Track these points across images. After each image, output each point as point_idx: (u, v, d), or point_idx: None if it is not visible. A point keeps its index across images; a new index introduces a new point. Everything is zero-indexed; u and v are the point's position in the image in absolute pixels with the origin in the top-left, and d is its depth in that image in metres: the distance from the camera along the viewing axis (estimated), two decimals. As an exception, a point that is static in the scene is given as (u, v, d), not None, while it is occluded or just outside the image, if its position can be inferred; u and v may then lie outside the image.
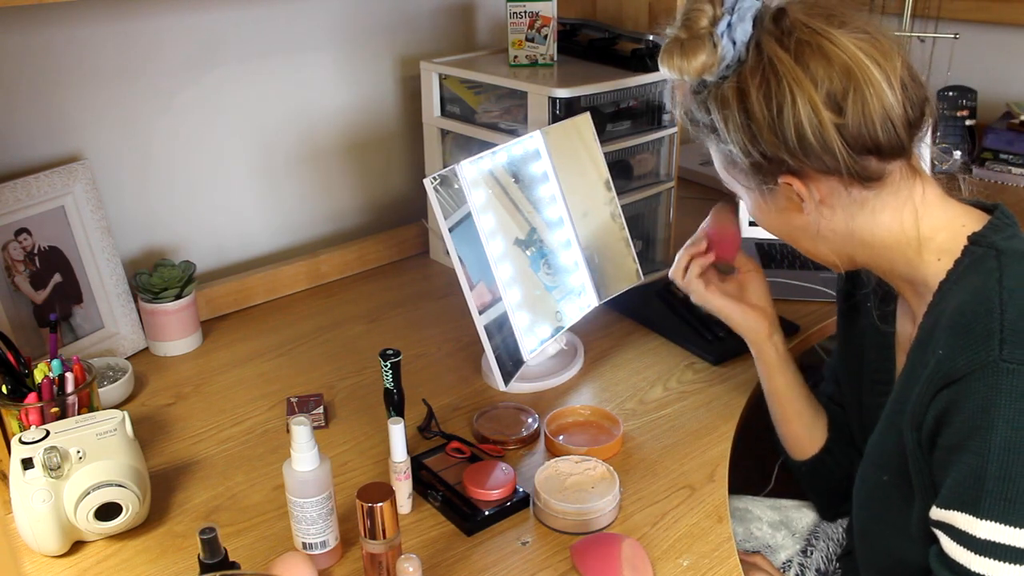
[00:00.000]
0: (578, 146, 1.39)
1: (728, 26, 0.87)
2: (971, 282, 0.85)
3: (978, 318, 0.81)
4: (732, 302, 1.14)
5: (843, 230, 0.92)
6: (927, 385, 0.84)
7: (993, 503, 0.78)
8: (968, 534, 0.79)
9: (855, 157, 0.86)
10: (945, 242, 0.89)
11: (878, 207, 0.90)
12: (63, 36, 1.34)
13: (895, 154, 0.87)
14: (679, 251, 1.16)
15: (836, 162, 0.86)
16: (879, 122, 0.85)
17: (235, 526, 1.05)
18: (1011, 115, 2.06)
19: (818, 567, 1.18)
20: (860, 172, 0.87)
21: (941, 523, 0.83)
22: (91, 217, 1.37)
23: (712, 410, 1.25)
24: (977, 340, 0.80)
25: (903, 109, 0.86)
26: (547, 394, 1.30)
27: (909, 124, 0.87)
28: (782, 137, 0.86)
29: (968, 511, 0.79)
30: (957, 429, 0.81)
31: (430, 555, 0.99)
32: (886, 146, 0.86)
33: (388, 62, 1.72)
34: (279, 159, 1.64)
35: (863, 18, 0.88)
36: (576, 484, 1.06)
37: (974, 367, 0.79)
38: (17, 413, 1.08)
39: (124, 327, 1.41)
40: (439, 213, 1.16)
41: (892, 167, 0.88)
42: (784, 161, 0.88)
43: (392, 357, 1.14)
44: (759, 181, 0.93)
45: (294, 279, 1.62)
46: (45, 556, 1.00)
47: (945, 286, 0.88)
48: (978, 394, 0.79)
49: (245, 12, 1.51)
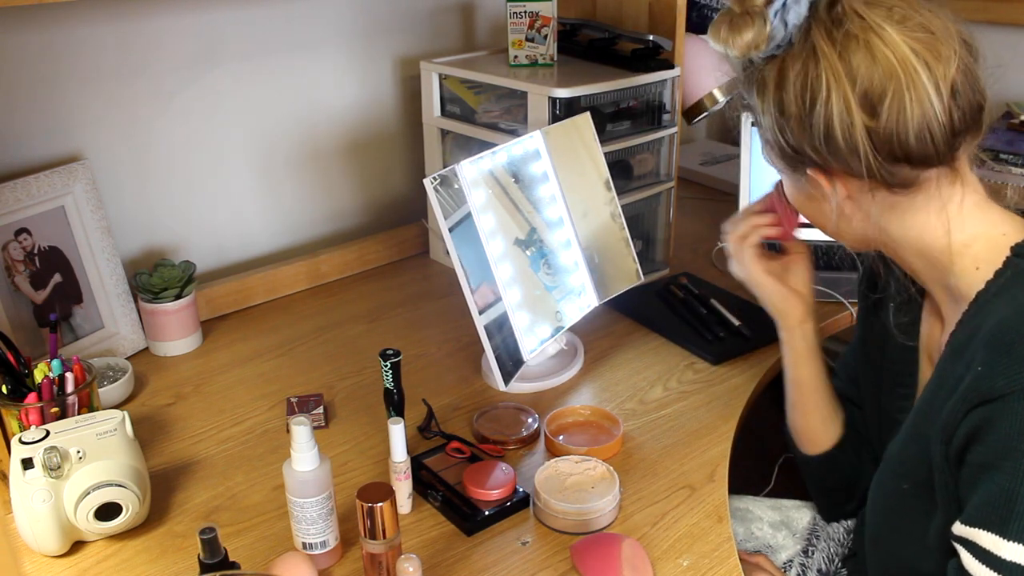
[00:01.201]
0: (578, 146, 1.39)
1: (783, 6, 0.85)
2: (1014, 297, 0.82)
3: (1022, 338, 0.79)
4: (774, 281, 1.10)
5: (871, 226, 0.91)
6: (961, 401, 0.82)
7: (1022, 525, 0.77)
8: (992, 554, 0.78)
9: (883, 163, 0.83)
10: (984, 251, 0.86)
11: (909, 211, 0.88)
12: (63, 36, 1.34)
13: (929, 163, 0.84)
14: (740, 214, 1.12)
15: (860, 165, 0.84)
16: (914, 130, 0.82)
17: (235, 526, 1.05)
18: (1011, 115, 2.06)
19: (820, 567, 1.17)
20: (887, 178, 0.85)
21: (964, 539, 0.81)
22: (91, 217, 1.37)
23: (712, 410, 1.25)
24: (1019, 361, 0.78)
25: (948, 117, 0.82)
26: (547, 394, 1.30)
27: (953, 132, 0.83)
28: (810, 132, 0.85)
29: (995, 531, 0.78)
30: (990, 448, 0.79)
31: (430, 555, 0.99)
32: (918, 155, 0.83)
33: (388, 62, 1.72)
34: (279, 159, 1.64)
35: (929, 14, 0.83)
36: (576, 484, 1.06)
37: (1014, 388, 0.77)
38: (17, 413, 1.08)
39: (124, 327, 1.41)
40: (439, 213, 1.16)
41: (928, 174, 0.85)
42: (810, 155, 0.87)
43: (392, 357, 1.14)
44: (790, 167, 0.92)
45: (294, 279, 1.62)
46: (45, 556, 1.00)
47: (983, 298, 0.85)
48: (1016, 415, 0.77)
49: (245, 12, 1.51)
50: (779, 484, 1.43)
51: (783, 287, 1.10)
